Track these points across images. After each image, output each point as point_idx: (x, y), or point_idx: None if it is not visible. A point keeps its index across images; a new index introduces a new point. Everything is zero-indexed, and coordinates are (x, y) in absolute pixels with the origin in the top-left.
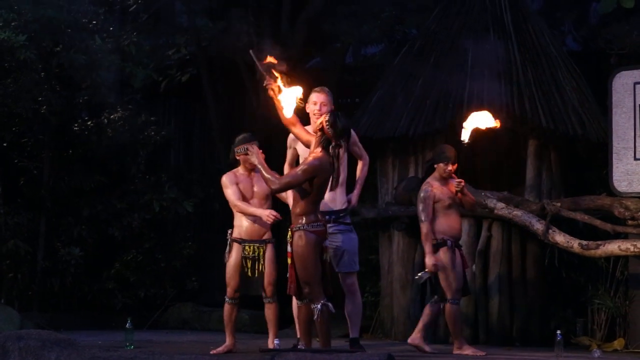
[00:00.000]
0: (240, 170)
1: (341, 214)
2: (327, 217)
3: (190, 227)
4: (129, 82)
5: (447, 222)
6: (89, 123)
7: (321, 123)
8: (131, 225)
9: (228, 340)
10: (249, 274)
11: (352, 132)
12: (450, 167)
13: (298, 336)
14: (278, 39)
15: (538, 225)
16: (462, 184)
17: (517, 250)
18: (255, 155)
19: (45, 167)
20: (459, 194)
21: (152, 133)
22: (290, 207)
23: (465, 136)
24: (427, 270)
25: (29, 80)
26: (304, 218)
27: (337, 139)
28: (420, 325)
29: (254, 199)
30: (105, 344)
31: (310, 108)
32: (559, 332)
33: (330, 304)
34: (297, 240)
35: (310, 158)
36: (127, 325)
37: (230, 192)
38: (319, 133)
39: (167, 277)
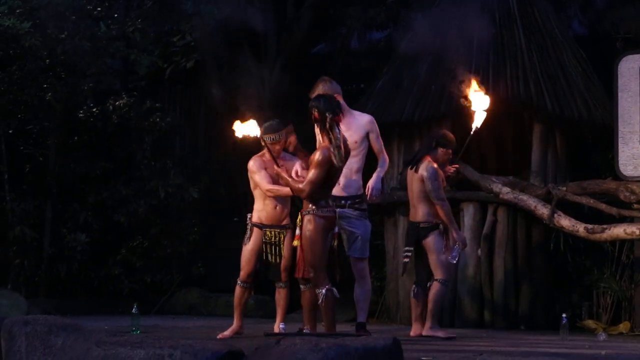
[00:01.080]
0: (266, 155)
1: (357, 200)
2: (342, 201)
3: (196, 213)
4: (134, 69)
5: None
6: (94, 110)
7: (312, 115)
8: (137, 211)
9: (236, 323)
10: (271, 259)
11: (373, 123)
12: (451, 155)
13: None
14: (284, 24)
15: (543, 210)
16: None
17: (523, 235)
18: (280, 172)
19: (50, 154)
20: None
21: (158, 119)
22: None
23: (478, 122)
24: (459, 247)
25: (34, 68)
26: (315, 203)
27: (332, 117)
28: (428, 315)
29: (279, 184)
30: (111, 329)
31: None
32: (564, 315)
33: (334, 289)
34: (307, 224)
35: (320, 149)
36: (134, 311)
37: (259, 178)
38: (316, 124)
39: (173, 263)
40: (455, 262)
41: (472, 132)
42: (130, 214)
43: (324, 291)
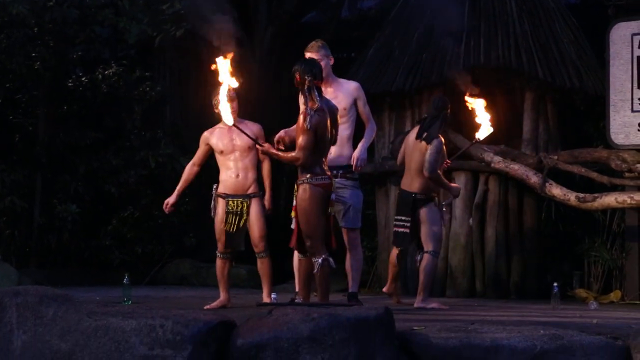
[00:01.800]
0: (221, 124)
1: (349, 169)
2: (334, 171)
3: None
4: (123, 37)
5: None
6: (83, 79)
7: (295, 78)
8: (127, 181)
9: (222, 296)
10: (231, 229)
11: (360, 90)
12: None
13: (297, 290)
14: None
15: (535, 179)
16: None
17: (514, 204)
18: (268, 150)
19: (40, 123)
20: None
21: (147, 89)
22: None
23: (482, 135)
24: (451, 198)
25: (22, 36)
26: (309, 171)
27: (311, 80)
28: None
29: (236, 152)
30: (102, 300)
31: None
32: (555, 284)
33: (331, 259)
34: (302, 193)
35: (303, 114)
36: (125, 281)
37: (197, 153)
38: (300, 87)
39: (165, 234)
40: (445, 210)
41: (473, 141)
42: (121, 184)
43: (320, 260)
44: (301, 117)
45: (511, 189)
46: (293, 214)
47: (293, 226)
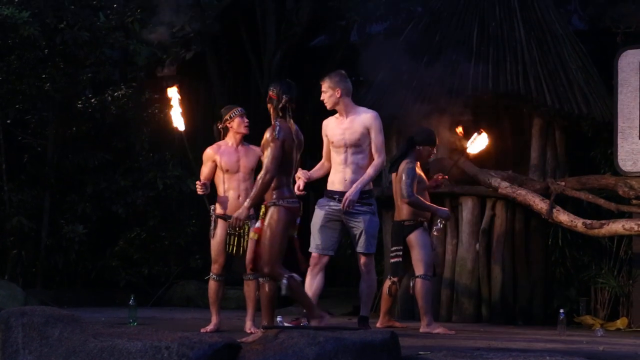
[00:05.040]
0: (228, 142)
1: (364, 195)
2: (335, 197)
3: (194, 204)
4: (133, 60)
5: None
6: (92, 100)
7: (270, 95)
8: (135, 202)
9: (215, 319)
10: (232, 251)
11: (374, 119)
12: (435, 151)
13: (305, 311)
14: (283, 16)
15: (542, 204)
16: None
17: (521, 229)
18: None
19: (49, 144)
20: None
21: (156, 111)
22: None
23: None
24: (442, 222)
25: (33, 57)
26: (277, 192)
27: (288, 99)
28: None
29: (240, 172)
30: (108, 321)
31: None
32: (562, 311)
33: (295, 274)
34: (272, 215)
35: (270, 127)
36: (131, 302)
37: (202, 170)
38: (270, 105)
39: (171, 255)
40: (437, 234)
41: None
42: (129, 205)
43: (285, 281)
44: (268, 131)
45: (518, 215)
46: (252, 235)
47: (250, 248)
